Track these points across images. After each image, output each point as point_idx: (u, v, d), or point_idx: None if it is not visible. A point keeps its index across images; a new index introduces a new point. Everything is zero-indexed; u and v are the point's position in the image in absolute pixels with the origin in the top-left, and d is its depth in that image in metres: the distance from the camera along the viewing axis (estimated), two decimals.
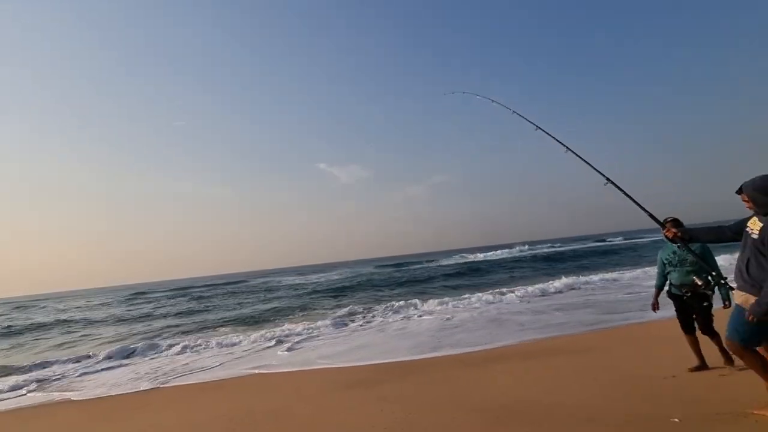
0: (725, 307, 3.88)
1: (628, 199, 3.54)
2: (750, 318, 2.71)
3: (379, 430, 3.81)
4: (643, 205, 3.54)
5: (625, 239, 63.39)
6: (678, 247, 4.16)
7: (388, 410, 4.33)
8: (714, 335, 4.30)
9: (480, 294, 14.31)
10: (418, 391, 4.95)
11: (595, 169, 3.82)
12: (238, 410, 5.09)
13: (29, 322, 22.80)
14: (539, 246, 63.30)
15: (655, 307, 4.60)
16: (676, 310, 4.48)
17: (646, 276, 15.46)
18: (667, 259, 4.45)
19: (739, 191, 2.86)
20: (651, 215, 3.48)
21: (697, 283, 4.23)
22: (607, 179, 3.68)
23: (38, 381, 8.54)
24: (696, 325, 4.37)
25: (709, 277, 4.17)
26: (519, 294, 13.85)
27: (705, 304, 4.24)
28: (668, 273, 4.46)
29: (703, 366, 4.33)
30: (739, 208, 2.92)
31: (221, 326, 14.82)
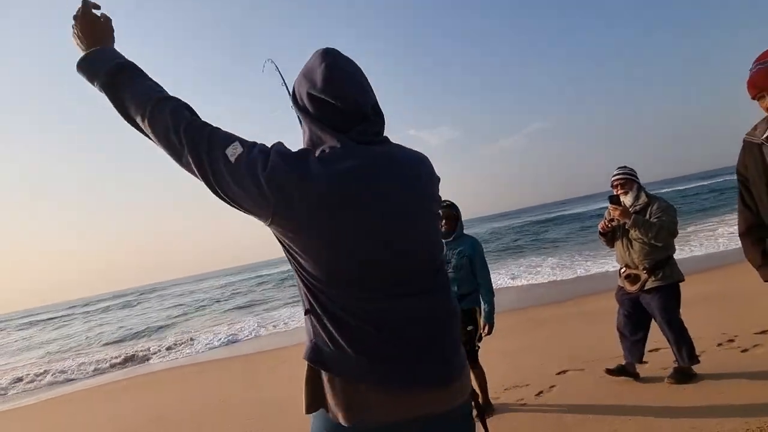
0: (484, 333, 3.00)
1: None
2: None
3: None
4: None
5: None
6: (446, 243, 3.04)
7: None
8: (474, 368, 2.98)
9: None
10: None
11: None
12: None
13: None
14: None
15: None
16: None
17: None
18: None
19: None
20: None
21: (458, 296, 2.96)
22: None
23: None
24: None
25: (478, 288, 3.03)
26: None
27: (469, 328, 3.00)
28: None
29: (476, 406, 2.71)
30: None
31: None
